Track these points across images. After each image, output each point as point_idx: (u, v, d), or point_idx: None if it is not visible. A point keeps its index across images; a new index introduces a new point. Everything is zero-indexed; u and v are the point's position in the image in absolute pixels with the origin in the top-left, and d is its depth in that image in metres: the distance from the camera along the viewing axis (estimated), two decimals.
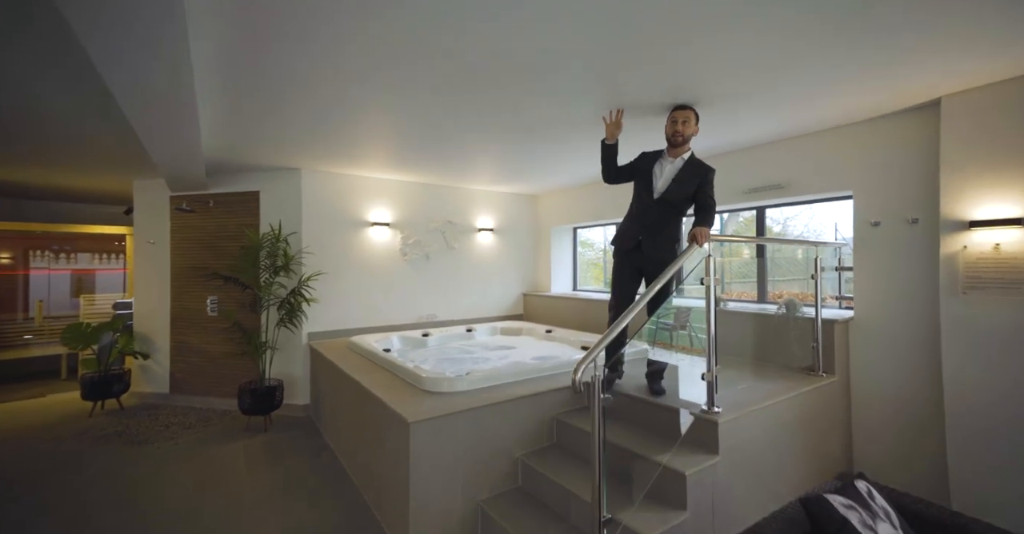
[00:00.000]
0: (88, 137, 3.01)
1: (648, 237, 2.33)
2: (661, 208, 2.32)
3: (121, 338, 4.05)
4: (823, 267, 2.70)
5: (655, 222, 2.32)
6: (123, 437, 3.32)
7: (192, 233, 4.18)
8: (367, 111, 2.54)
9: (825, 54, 1.85)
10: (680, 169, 2.29)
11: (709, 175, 2.27)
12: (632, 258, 2.40)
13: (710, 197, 2.25)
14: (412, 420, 1.97)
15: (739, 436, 2.01)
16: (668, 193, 2.29)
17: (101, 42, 1.54)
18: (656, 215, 2.33)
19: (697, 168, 2.29)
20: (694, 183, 2.26)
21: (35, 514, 2.33)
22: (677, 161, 2.31)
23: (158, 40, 1.53)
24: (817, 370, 2.61)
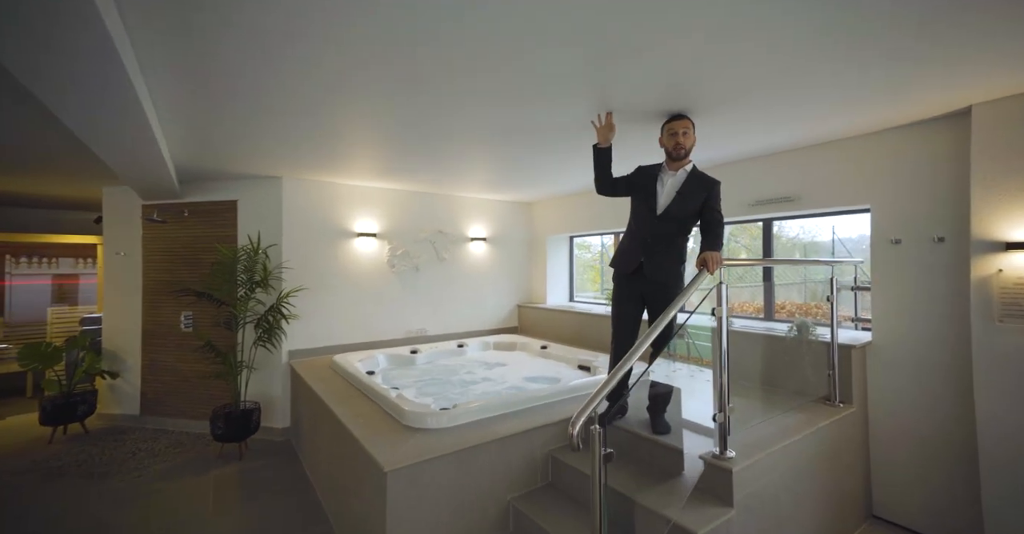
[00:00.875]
0: (41, 143, 2.76)
1: (650, 259, 2.13)
2: (664, 226, 2.12)
3: (88, 356, 3.79)
4: (839, 288, 2.49)
5: (657, 242, 2.13)
6: (82, 468, 3.06)
7: (165, 244, 3.93)
8: (351, 117, 2.32)
9: (848, 61, 1.65)
10: (683, 182, 2.10)
11: (715, 188, 2.08)
12: (633, 282, 2.20)
13: (718, 212, 2.06)
14: (389, 469, 1.75)
15: (755, 483, 1.80)
16: (671, 209, 2.10)
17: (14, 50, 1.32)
18: (658, 234, 2.13)
19: (702, 181, 2.10)
20: (700, 197, 2.07)
21: None
22: (679, 174, 2.12)
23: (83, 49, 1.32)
24: (834, 400, 2.41)
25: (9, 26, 1.20)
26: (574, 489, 2.09)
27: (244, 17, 1.40)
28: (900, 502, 2.41)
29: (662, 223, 2.12)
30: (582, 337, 4.21)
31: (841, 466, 2.29)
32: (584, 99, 2.07)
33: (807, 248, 4.07)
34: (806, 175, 2.83)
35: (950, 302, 2.24)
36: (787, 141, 2.72)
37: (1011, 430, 1.94)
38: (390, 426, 2.20)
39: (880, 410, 2.47)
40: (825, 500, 2.18)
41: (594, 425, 1.40)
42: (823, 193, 2.75)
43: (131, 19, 1.39)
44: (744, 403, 2.49)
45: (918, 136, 2.34)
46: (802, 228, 3.76)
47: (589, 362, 3.53)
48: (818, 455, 2.14)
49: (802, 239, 3.94)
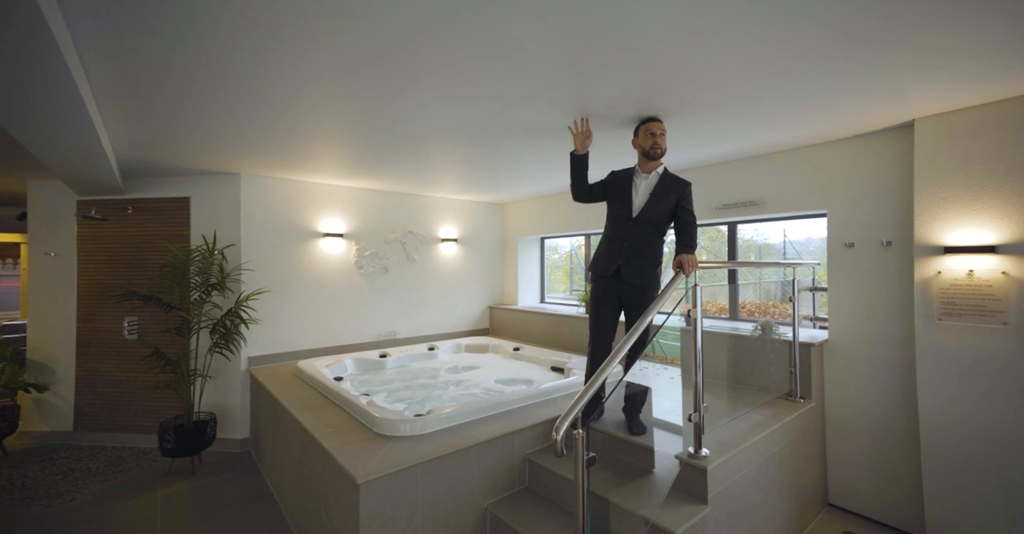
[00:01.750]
0: None
1: (628, 262, 2.14)
2: (641, 229, 2.15)
3: (8, 368, 3.39)
4: (799, 289, 2.63)
5: (634, 245, 2.15)
6: (2, 493, 2.73)
7: (105, 244, 3.59)
8: (317, 114, 2.20)
9: (811, 69, 1.73)
10: (656, 184, 2.15)
11: (687, 189, 2.14)
12: (611, 285, 2.21)
13: (690, 213, 2.12)
14: (362, 481, 1.67)
15: (727, 480, 1.86)
16: (647, 211, 2.13)
17: None
18: (635, 237, 2.15)
19: (674, 182, 2.15)
20: (672, 198, 2.12)
21: None
22: (651, 176, 2.17)
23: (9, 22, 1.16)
24: (795, 396, 2.54)
25: None
26: (551, 492, 2.08)
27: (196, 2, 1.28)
28: (853, 490, 2.56)
29: (638, 226, 2.14)
30: (554, 338, 4.23)
31: (802, 458, 2.41)
32: (557, 103, 2.07)
33: (761, 250, 4.28)
34: (770, 180, 2.97)
35: (897, 302, 2.41)
36: (752, 147, 2.84)
37: (948, 420, 2.11)
38: (361, 435, 2.10)
39: (836, 404, 2.63)
40: (789, 491, 2.29)
41: (577, 429, 1.39)
42: (786, 198, 2.89)
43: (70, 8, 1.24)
44: (713, 401, 2.57)
45: (870, 146, 2.51)
46: (756, 231, 3.95)
47: (562, 363, 3.54)
48: (783, 449, 2.24)
49: (756, 241, 4.15)
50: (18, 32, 1.22)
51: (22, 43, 1.27)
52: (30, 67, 1.41)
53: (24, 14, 1.14)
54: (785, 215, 3.06)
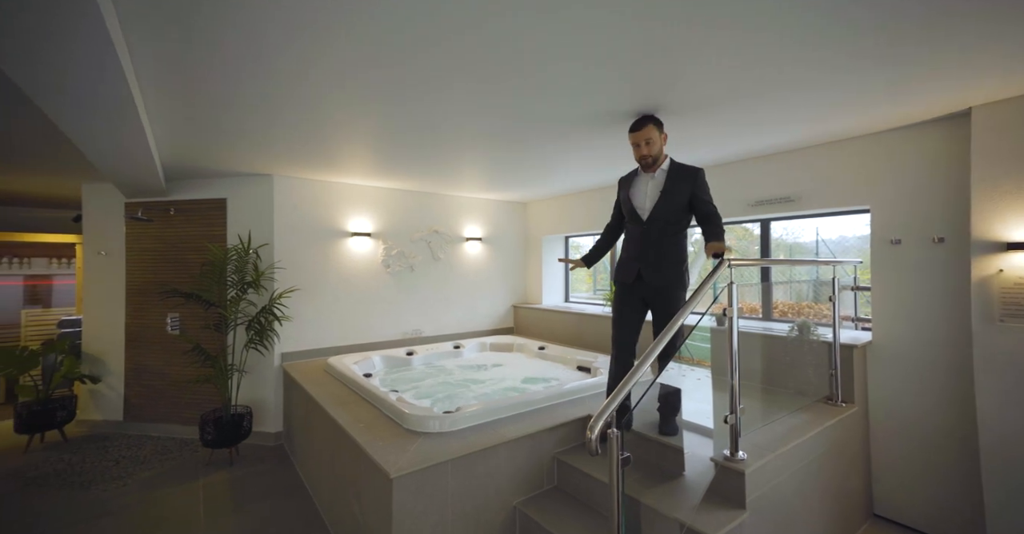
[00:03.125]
0: (16, 136, 2.62)
1: (647, 265, 2.06)
2: (656, 230, 2.05)
3: (67, 360, 3.62)
4: (839, 288, 2.51)
5: (651, 246, 2.05)
6: (62, 477, 2.92)
7: (150, 244, 3.78)
8: (346, 115, 2.25)
9: (848, 64, 1.65)
10: (665, 180, 2.05)
11: (699, 177, 2.03)
12: (634, 289, 2.13)
13: (708, 203, 2.00)
14: (395, 475, 1.69)
15: (766, 485, 1.79)
16: (658, 210, 2.04)
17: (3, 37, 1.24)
18: (651, 238, 2.06)
19: (682, 173, 2.04)
20: (685, 191, 2.01)
21: None
22: (658, 174, 2.08)
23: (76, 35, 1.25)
24: (836, 400, 2.43)
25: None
26: (581, 492, 2.06)
27: (241, 11, 1.33)
28: (901, 500, 2.43)
29: (652, 227, 2.06)
30: (579, 337, 4.19)
31: (844, 465, 2.30)
32: (581, 101, 2.06)
33: (791, 249, 4.12)
34: (806, 175, 2.85)
35: (950, 302, 2.26)
36: (788, 141, 2.73)
37: (1012, 429, 1.97)
38: (391, 430, 2.13)
39: (880, 409, 2.50)
40: (830, 500, 2.19)
41: (611, 429, 1.37)
42: (824, 193, 2.77)
43: (126, 7, 1.31)
44: (747, 404, 2.48)
45: (918, 137, 2.37)
46: (785, 229, 3.80)
47: (589, 363, 3.50)
48: (824, 455, 2.15)
49: (786, 240, 3.99)
50: (88, 48, 1.31)
51: (91, 57, 1.37)
52: (92, 77, 1.50)
53: (92, 30, 1.22)
54: (823, 211, 2.92)
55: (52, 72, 1.45)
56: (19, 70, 1.43)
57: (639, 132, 2.03)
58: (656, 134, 2.03)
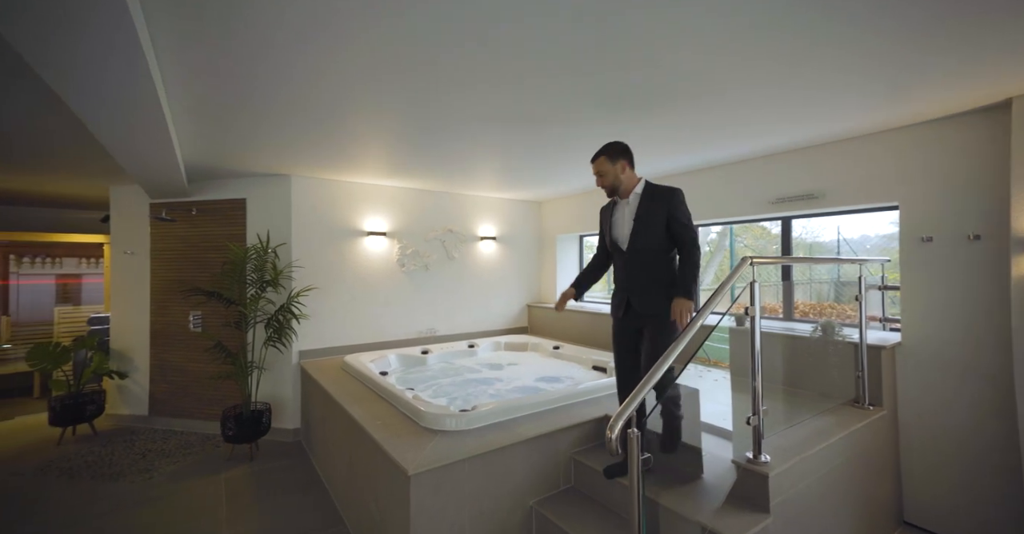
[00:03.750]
0: (48, 140, 2.71)
1: (636, 296, 1.97)
2: (637, 258, 1.97)
3: (96, 356, 3.75)
4: (868, 285, 2.43)
5: (637, 276, 1.97)
6: (92, 469, 3.02)
7: (173, 243, 3.88)
8: (361, 114, 2.27)
9: (881, 54, 1.59)
10: (638, 205, 1.97)
11: (674, 198, 1.93)
12: (626, 322, 2.03)
13: (685, 226, 1.90)
14: (413, 472, 1.70)
15: (790, 489, 1.74)
16: (636, 238, 1.96)
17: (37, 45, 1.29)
18: (635, 268, 1.98)
19: (655, 196, 1.95)
20: (661, 213, 1.92)
21: None
22: (631, 198, 2.00)
23: (108, 42, 1.28)
24: (863, 403, 2.35)
25: (28, 11, 1.15)
26: (598, 492, 2.04)
27: (262, 12, 1.35)
28: (933, 508, 2.34)
29: (635, 256, 1.98)
30: (594, 337, 4.15)
31: (873, 470, 2.23)
32: (595, 100, 2.04)
33: (811, 248, 4.02)
34: (830, 171, 2.77)
35: (986, 302, 2.17)
36: (811, 136, 2.65)
37: None
38: (408, 428, 2.14)
39: (911, 413, 2.41)
40: (858, 506, 2.12)
41: (632, 428, 1.35)
42: (849, 190, 2.68)
43: (151, 8, 1.34)
44: (769, 405, 2.43)
45: (953, 130, 2.27)
46: (804, 228, 3.71)
47: (604, 363, 3.47)
48: (851, 459, 2.08)
49: (805, 240, 3.89)
50: (120, 58, 1.36)
51: (121, 62, 1.41)
52: (122, 80, 1.54)
53: (123, 33, 1.26)
54: (848, 208, 2.83)
55: (83, 74, 1.49)
56: (50, 71, 1.47)
57: (593, 164, 2.02)
58: (607, 166, 1.97)
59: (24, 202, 4.96)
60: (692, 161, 3.30)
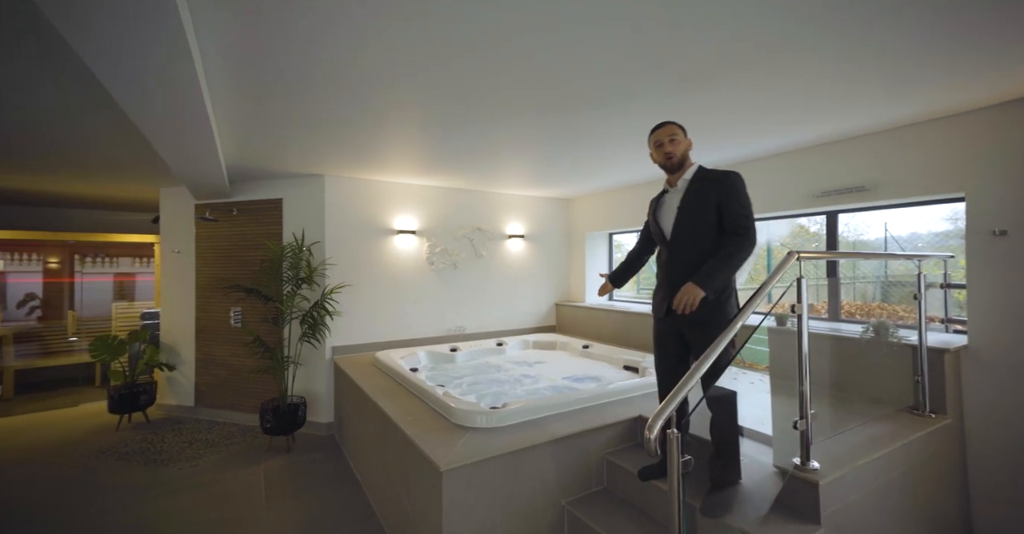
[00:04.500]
0: (110, 147, 2.90)
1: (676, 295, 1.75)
2: (681, 253, 1.76)
3: (148, 349, 3.99)
4: (928, 284, 2.25)
5: (679, 274, 1.73)
6: (146, 455, 3.21)
7: (216, 242, 4.07)
8: (392, 113, 2.30)
9: (949, 32, 1.45)
10: (684, 192, 1.77)
11: (726, 181, 1.69)
12: (667, 324, 1.84)
13: (740, 215, 1.65)
14: (445, 468, 1.69)
15: (843, 499, 1.63)
16: (679, 229, 1.76)
17: (96, 51, 1.38)
18: (678, 265, 1.76)
19: (707, 181, 1.73)
20: (710, 201, 1.70)
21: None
22: (679, 184, 1.80)
23: (156, 46, 1.35)
24: (923, 410, 2.17)
25: (93, 22, 1.22)
26: (632, 495, 1.98)
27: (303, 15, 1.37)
28: (1008, 527, 2.13)
29: (678, 251, 1.77)
30: (624, 336, 4.06)
31: (936, 484, 2.06)
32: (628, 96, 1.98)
33: (854, 247, 3.80)
34: (883, 162, 2.58)
35: None
36: (861, 125, 2.48)
37: None
38: (439, 424, 2.15)
39: (979, 422, 2.21)
40: (921, 522, 1.96)
41: (671, 429, 1.29)
42: (903, 181, 2.49)
43: (199, 14, 1.39)
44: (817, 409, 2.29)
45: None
46: (846, 225, 3.50)
47: (636, 363, 3.38)
48: (911, 470, 1.93)
49: (847, 237, 3.67)
50: (174, 72, 1.41)
51: (173, 74, 1.50)
52: (172, 90, 1.62)
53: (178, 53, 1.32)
54: (903, 201, 2.63)
55: (137, 82, 1.58)
56: (110, 78, 1.56)
57: (663, 129, 1.79)
58: (681, 133, 1.78)
59: (86, 205, 5.35)
60: (728, 155, 3.17)
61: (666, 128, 1.79)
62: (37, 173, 3.61)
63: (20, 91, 1.99)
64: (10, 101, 2.09)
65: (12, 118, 2.34)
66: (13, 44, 1.59)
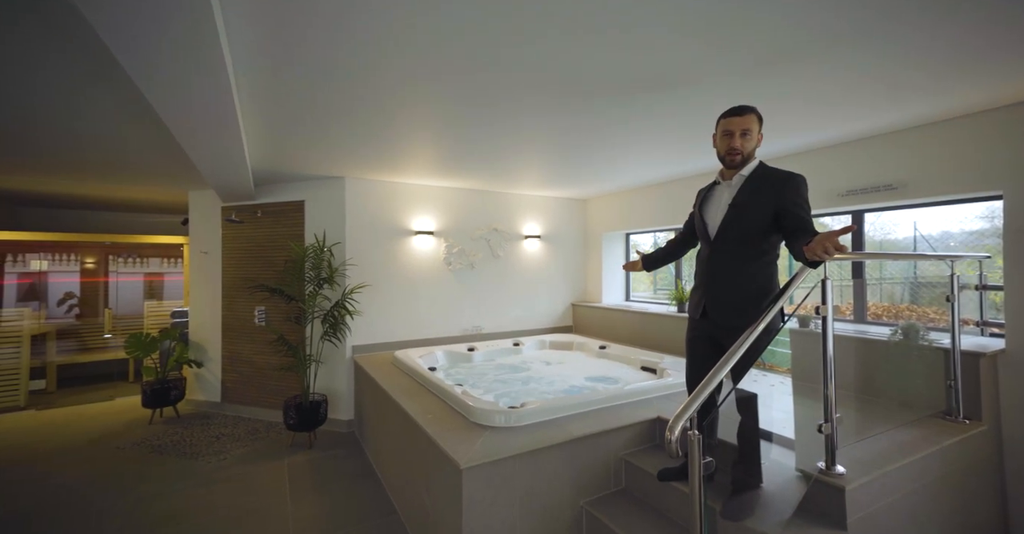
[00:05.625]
0: (142, 151, 3.03)
1: (715, 298, 1.68)
2: (725, 253, 1.66)
3: (177, 347, 4.14)
4: (962, 285, 2.17)
5: (720, 275, 1.64)
6: (176, 448, 3.34)
7: (241, 243, 4.20)
8: (412, 116, 2.34)
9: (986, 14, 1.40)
10: (739, 188, 1.63)
11: (790, 184, 1.55)
12: (703, 326, 1.75)
13: (801, 218, 1.50)
14: (465, 466, 1.72)
15: (871, 506, 1.59)
16: (728, 228, 1.64)
17: (136, 57, 1.44)
18: (719, 264, 1.67)
19: (767, 180, 1.60)
20: (767, 203, 1.56)
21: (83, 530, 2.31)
22: (735, 180, 1.66)
23: (195, 51, 1.41)
24: (956, 415, 2.10)
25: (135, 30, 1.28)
26: (651, 496, 1.97)
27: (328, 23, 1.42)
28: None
29: (722, 250, 1.67)
30: (642, 337, 4.02)
31: (971, 493, 1.99)
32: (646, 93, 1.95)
33: (881, 246, 3.68)
34: (914, 159, 2.50)
35: None
36: (892, 121, 2.41)
37: None
38: (458, 422, 2.18)
39: (1018, 429, 2.12)
40: (953, 531, 1.89)
41: (692, 430, 1.28)
42: (936, 179, 2.41)
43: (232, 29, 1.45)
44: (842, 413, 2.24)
45: None
46: (872, 225, 3.40)
47: (654, 363, 3.35)
48: (943, 478, 1.86)
49: (874, 237, 3.56)
50: (210, 82, 1.47)
51: (209, 87, 1.57)
52: (208, 109, 1.70)
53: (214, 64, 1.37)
54: (934, 200, 2.55)
55: (176, 89, 1.66)
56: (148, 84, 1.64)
57: (739, 117, 1.60)
58: (756, 127, 1.61)
59: (119, 208, 5.60)
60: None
61: (744, 117, 1.59)
62: (78, 177, 3.79)
63: (71, 95, 2.09)
64: (63, 104, 2.19)
65: (60, 125, 2.47)
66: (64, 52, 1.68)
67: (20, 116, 2.33)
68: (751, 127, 1.60)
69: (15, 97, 2.09)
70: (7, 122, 2.43)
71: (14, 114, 2.31)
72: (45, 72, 1.83)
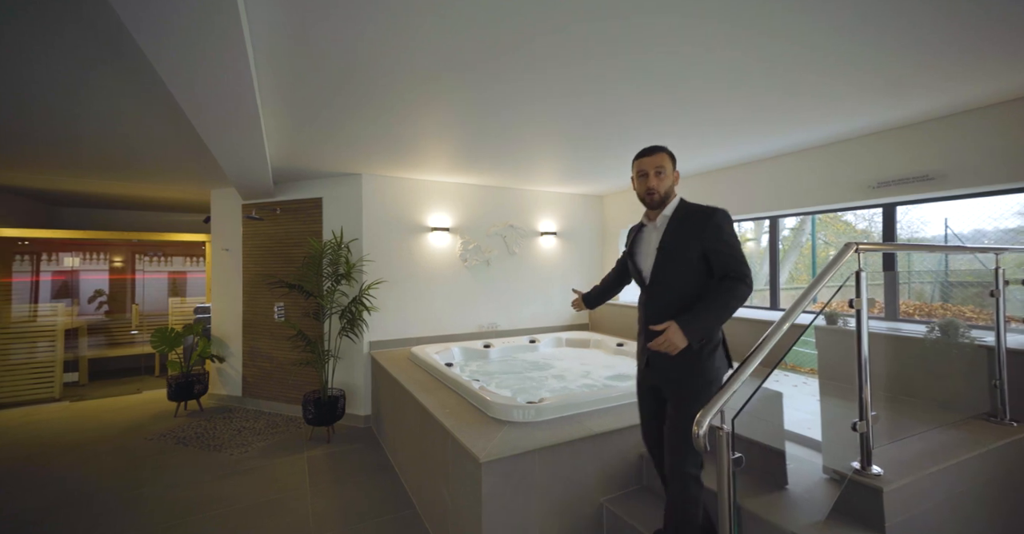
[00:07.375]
0: (170, 151, 3.10)
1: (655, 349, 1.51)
2: (660, 297, 1.57)
3: (200, 342, 4.24)
4: (1006, 280, 2.05)
5: (657, 321, 1.49)
6: (200, 440, 3.42)
7: (261, 240, 4.28)
8: (429, 111, 2.34)
9: None
10: (664, 231, 1.58)
11: (711, 221, 1.49)
12: (647, 376, 1.64)
13: (735, 260, 1.45)
14: (484, 460, 1.70)
15: (911, 509, 1.51)
16: (659, 270, 1.57)
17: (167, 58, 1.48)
18: (655, 310, 1.57)
19: (688, 219, 1.54)
20: (693, 242, 1.51)
21: (107, 518, 2.37)
22: (659, 221, 1.61)
23: (220, 50, 1.43)
24: (1002, 417, 1.99)
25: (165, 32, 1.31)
26: None
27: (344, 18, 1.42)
28: None
29: (657, 295, 1.58)
30: None
31: (1018, 497, 1.88)
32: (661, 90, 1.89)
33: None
34: (951, 148, 2.39)
35: None
36: (925, 109, 2.30)
37: None
38: (476, 417, 2.17)
39: None
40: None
41: (722, 424, 1.24)
42: (976, 168, 2.29)
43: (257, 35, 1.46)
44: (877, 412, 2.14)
45: None
46: (899, 222, 3.27)
47: None
48: (988, 482, 1.76)
49: (901, 235, 3.45)
50: (231, 85, 1.49)
51: (231, 87, 1.60)
52: (230, 103, 1.72)
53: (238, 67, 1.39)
54: (973, 191, 2.42)
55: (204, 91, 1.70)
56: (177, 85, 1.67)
57: (651, 157, 1.59)
58: (670, 166, 1.59)
59: (145, 207, 5.77)
60: (776, 145, 3.02)
61: (654, 156, 1.59)
62: (116, 176, 3.90)
63: (104, 98, 2.16)
64: (93, 108, 2.27)
65: (91, 126, 2.56)
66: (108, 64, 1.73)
67: (67, 122, 2.52)
68: (664, 165, 1.59)
69: (62, 111, 2.29)
70: (57, 128, 2.59)
71: (64, 122, 2.49)
72: (87, 87, 1.97)
